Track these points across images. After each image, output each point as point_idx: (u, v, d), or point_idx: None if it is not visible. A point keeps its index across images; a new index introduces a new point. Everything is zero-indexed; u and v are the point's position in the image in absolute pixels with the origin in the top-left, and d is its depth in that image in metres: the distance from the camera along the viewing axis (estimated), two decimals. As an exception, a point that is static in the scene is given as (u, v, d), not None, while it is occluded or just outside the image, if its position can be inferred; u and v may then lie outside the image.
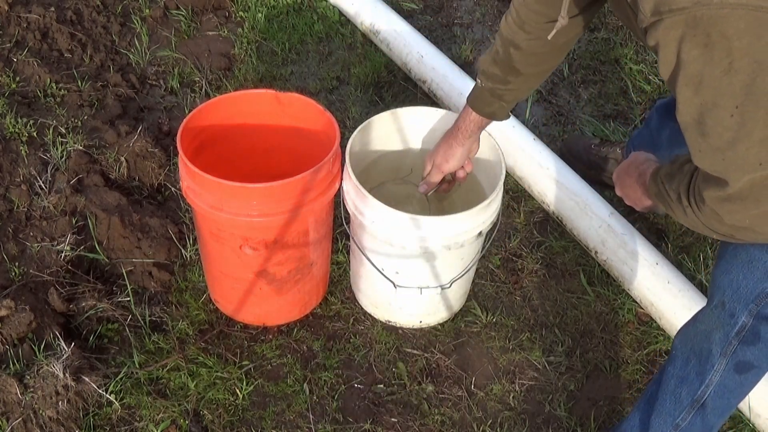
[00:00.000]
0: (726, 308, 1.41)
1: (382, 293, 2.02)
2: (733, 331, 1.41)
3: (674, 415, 1.55)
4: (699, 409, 1.52)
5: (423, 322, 2.09)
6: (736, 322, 1.39)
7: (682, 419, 1.54)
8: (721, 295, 1.41)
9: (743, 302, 1.38)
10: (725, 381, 1.46)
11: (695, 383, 1.50)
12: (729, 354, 1.43)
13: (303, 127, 2.01)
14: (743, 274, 1.37)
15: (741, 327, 1.40)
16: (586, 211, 2.27)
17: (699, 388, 1.49)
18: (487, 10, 3.21)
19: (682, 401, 1.53)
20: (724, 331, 1.42)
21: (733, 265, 1.39)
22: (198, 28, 3.08)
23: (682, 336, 1.54)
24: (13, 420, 1.74)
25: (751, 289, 1.36)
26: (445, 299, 2.03)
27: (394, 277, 1.93)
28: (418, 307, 2.04)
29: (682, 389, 1.52)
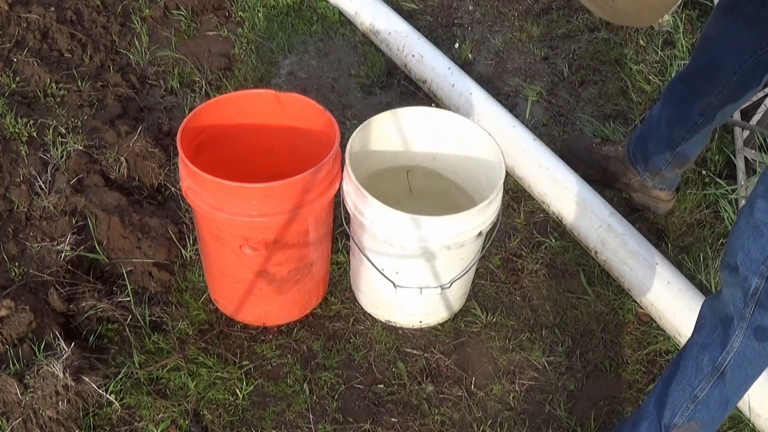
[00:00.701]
0: (740, 272, 1.46)
1: (382, 293, 2.02)
2: (749, 294, 1.46)
3: (693, 384, 1.57)
4: (719, 378, 1.54)
5: (423, 322, 2.09)
6: (750, 285, 1.45)
7: (701, 389, 1.56)
8: (734, 258, 1.47)
9: (754, 264, 1.44)
10: (745, 348, 1.50)
11: (717, 349, 1.53)
12: (748, 318, 1.47)
13: (303, 127, 2.01)
14: (753, 238, 1.44)
15: (755, 289, 1.45)
16: (586, 211, 2.27)
17: (720, 353, 1.52)
18: (486, 10, 3.21)
19: (703, 368, 1.55)
20: (741, 293, 1.47)
21: (744, 231, 1.46)
22: (198, 28, 3.08)
23: (709, 304, 1.59)
24: (13, 420, 1.74)
25: (759, 251, 1.43)
26: (445, 299, 2.03)
27: (394, 277, 1.93)
28: (418, 307, 2.04)
29: (704, 356, 1.55)
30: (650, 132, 2.27)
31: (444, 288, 1.95)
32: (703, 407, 1.57)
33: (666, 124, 2.19)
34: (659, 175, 2.30)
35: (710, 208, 2.42)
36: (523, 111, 2.73)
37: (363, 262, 1.97)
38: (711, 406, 1.57)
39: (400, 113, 2.04)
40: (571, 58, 2.97)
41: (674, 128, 2.19)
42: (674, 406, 1.60)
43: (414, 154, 2.13)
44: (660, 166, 2.27)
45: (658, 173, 2.30)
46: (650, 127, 2.27)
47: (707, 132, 2.18)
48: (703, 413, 1.58)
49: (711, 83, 2.05)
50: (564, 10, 3.20)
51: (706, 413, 1.58)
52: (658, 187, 2.34)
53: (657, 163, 2.27)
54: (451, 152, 2.10)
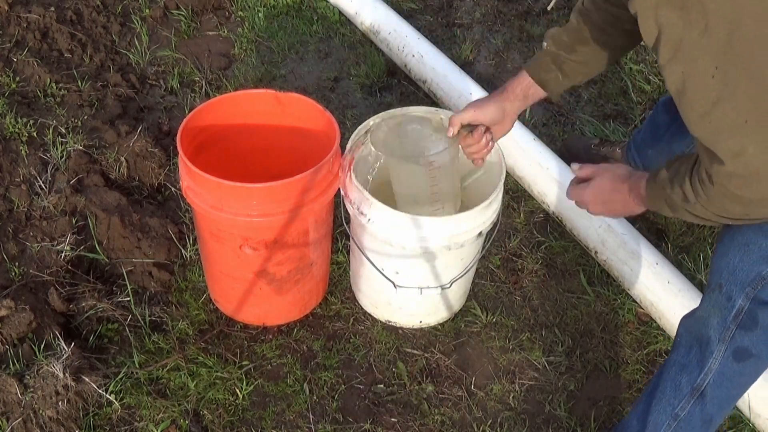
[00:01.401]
0: (723, 291, 1.41)
1: (382, 293, 2.02)
2: (731, 315, 1.41)
3: (673, 404, 1.55)
4: (698, 398, 1.52)
5: (423, 322, 2.09)
6: (734, 306, 1.40)
7: (681, 408, 1.54)
8: (719, 278, 1.42)
9: (740, 285, 1.38)
10: (724, 369, 1.47)
11: (695, 371, 1.50)
12: (727, 340, 1.43)
13: (303, 127, 2.01)
14: (739, 257, 1.38)
15: (738, 311, 1.40)
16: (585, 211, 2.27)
17: (698, 375, 1.49)
18: (487, 10, 3.21)
19: (682, 389, 1.53)
20: (722, 315, 1.42)
21: (730, 249, 1.39)
22: (198, 28, 3.08)
23: (686, 323, 1.55)
24: (13, 420, 1.74)
25: (747, 271, 1.37)
26: (445, 299, 2.03)
27: (394, 277, 1.93)
28: (418, 307, 2.04)
29: (682, 377, 1.53)
30: (651, 140, 2.26)
31: (444, 288, 1.95)
32: (685, 425, 1.55)
33: (668, 135, 2.19)
34: None
35: (710, 208, 2.41)
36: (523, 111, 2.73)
37: (363, 262, 1.97)
38: (693, 424, 1.55)
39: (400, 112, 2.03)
40: (571, 58, 2.97)
41: (675, 141, 2.19)
42: (656, 424, 1.59)
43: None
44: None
45: None
46: (652, 135, 2.26)
47: None
48: (686, 430, 1.56)
49: None
50: (564, 10, 3.20)
51: (689, 430, 1.56)
52: None
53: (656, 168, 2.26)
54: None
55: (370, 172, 2.06)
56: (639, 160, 2.32)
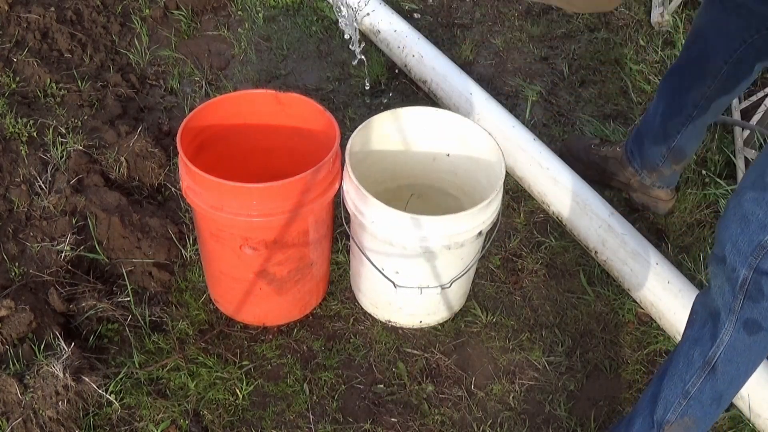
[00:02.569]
0: (728, 263, 1.45)
1: (382, 293, 2.02)
2: (737, 286, 1.44)
3: (684, 380, 1.56)
4: (710, 372, 1.53)
5: (423, 322, 2.09)
6: (738, 276, 1.43)
7: (692, 384, 1.55)
8: (722, 249, 1.46)
9: (742, 255, 1.42)
10: (735, 342, 1.49)
11: (707, 344, 1.52)
12: (737, 311, 1.46)
13: (303, 127, 2.01)
14: (740, 228, 1.42)
15: (743, 281, 1.43)
16: (586, 211, 2.27)
17: (710, 348, 1.51)
18: (486, 10, 3.21)
19: (694, 362, 1.54)
20: (729, 285, 1.46)
21: (731, 221, 1.44)
22: (198, 28, 3.08)
23: (701, 298, 1.58)
24: (13, 420, 1.74)
25: (748, 241, 1.41)
26: (445, 299, 2.03)
27: (394, 276, 1.93)
28: (418, 307, 2.04)
29: (695, 350, 1.54)
30: (646, 128, 2.27)
31: (444, 288, 1.95)
32: (695, 402, 1.57)
33: (661, 117, 2.20)
34: (657, 171, 2.30)
35: (710, 208, 2.42)
36: (523, 111, 2.73)
37: (363, 262, 1.97)
38: (703, 402, 1.56)
39: (401, 113, 2.04)
40: (571, 58, 2.97)
41: (669, 121, 2.19)
42: (666, 402, 1.60)
43: (414, 154, 2.13)
44: (657, 162, 2.27)
45: (656, 170, 2.30)
46: (646, 123, 2.27)
47: (702, 126, 2.18)
48: (695, 408, 1.57)
49: (702, 74, 2.04)
50: (564, 10, 3.20)
51: (698, 409, 1.57)
52: (656, 186, 2.34)
53: (653, 159, 2.27)
54: (451, 152, 2.10)
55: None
56: (638, 153, 2.33)
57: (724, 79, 2.01)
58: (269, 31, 3.07)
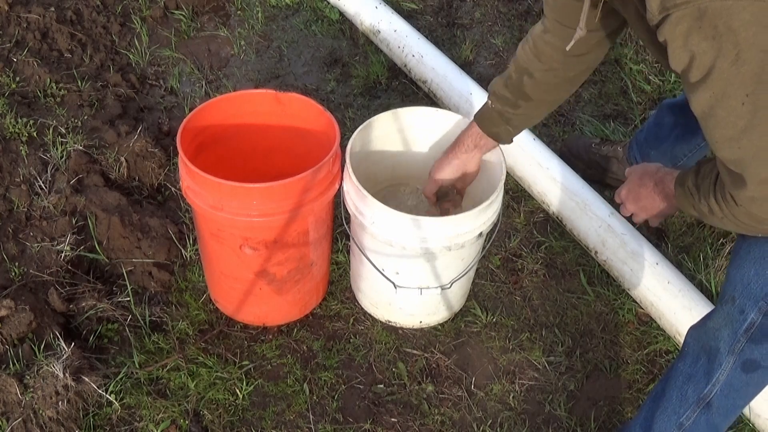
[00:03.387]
0: (736, 304, 1.41)
1: (382, 293, 2.02)
2: (742, 328, 1.41)
3: (679, 413, 1.55)
4: (704, 408, 1.51)
5: (423, 322, 2.09)
6: (745, 319, 1.40)
7: (687, 418, 1.54)
8: (732, 290, 1.41)
9: (753, 299, 1.38)
10: (732, 380, 1.46)
11: (702, 381, 1.50)
12: (737, 352, 1.43)
13: (303, 127, 2.01)
14: (755, 270, 1.37)
15: (750, 324, 1.40)
16: (586, 211, 2.27)
17: (706, 386, 1.49)
18: (486, 10, 3.21)
19: (688, 399, 1.53)
20: (733, 327, 1.42)
21: (746, 261, 1.39)
22: (198, 28, 3.08)
23: (694, 333, 1.54)
24: (13, 420, 1.74)
25: (762, 285, 1.37)
26: (445, 299, 2.03)
27: (395, 277, 1.93)
28: (419, 307, 2.04)
29: (688, 387, 1.52)
30: (655, 141, 2.27)
31: (444, 288, 1.95)
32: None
33: (671, 138, 2.20)
34: None
35: (710, 208, 2.42)
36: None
37: (363, 262, 1.97)
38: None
39: (401, 113, 2.03)
40: (571, 58, 2.97)
41: (678, 144, 2.21)
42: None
43: (414, 154, 2.13)
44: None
45: None
46: (655, 136, 2.26)
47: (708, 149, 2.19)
48: None
49: None
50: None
51: None
52: None
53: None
54: None
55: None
56: (641, 161, 2.32)
57: None
58: (269, 30, 3.07)
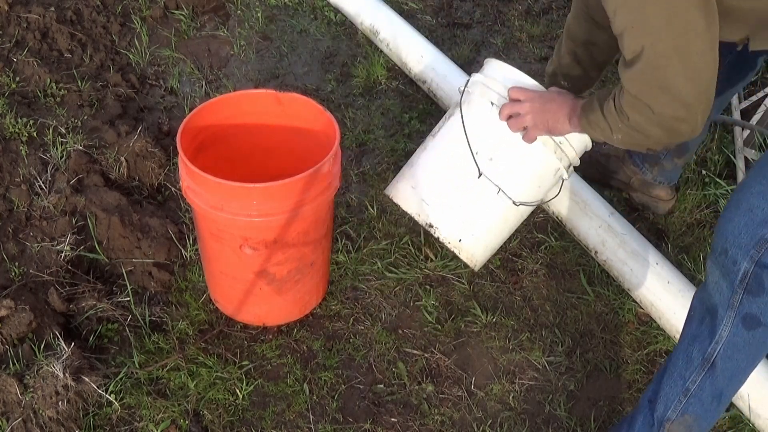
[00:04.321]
0: (729, 255, 1.45)
1: (450, 184, 1.91)
2: (737, 279, 1.44)
3: (684, 377, 1.56)
4: (709, 369, 1.53)
5: (462, 241, 1.94)
6: (739, 269, 1.43)
7: (692, 382, 1.55)
8: (723, 242, 1.46)
9: (744, 248, 1.42)
10: (734, 338, 1.49)
11: (706, 340, 1.52)
12: (735, 306, 1.46)
13: (303, 127, 2.01)
14: (744, 221, 1.42)
15: (744, 274, 1.43)
16: (586, 211, 2.27)
17: (709, 344, 1.51)
18: (486, 10, 3.21)
19: (693, 361, 1.54)
20: (729, 279, 1.46)
21: (735, 214, 1.44)
22: (198, 28, 3.08)
23: (698, 294, 1.58)
24: (13, 420, 1.74)
25: (751, 234, 1.41)
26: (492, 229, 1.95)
27: (487, 164, 1.87)
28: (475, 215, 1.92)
29: (693, 347, 1.55)
30: None
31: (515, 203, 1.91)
32: (695, 400, 1.57)
33: None
34: (658, 165, 2.30)
35: (710, 208, 2.42)
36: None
37: (446, 141, 1.93)
38: (704, 399, 1.56)
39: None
40: (571, 58, 2.97)
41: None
42: (667, 400, 1.60)
43: None
44: (659, 155, 2.27)
45: (658, 163, 2.30)
46: None
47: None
48: (696, 406, 1.57)
49: None
50: (564, 10, 3.20)
51: (699, 406, 1.57)
52: (657, 181, 2.34)
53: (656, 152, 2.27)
54: None
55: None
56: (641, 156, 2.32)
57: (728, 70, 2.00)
58: (269, 30, 3.07)
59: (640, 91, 1.48)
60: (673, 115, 1.47)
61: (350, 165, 2.54)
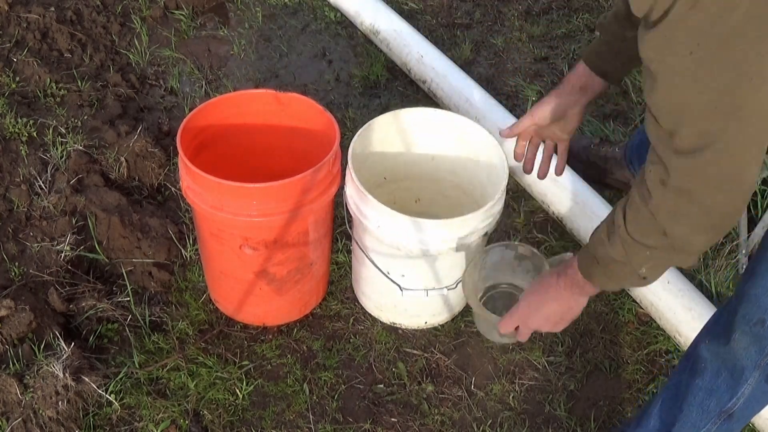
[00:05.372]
0: (765, 325, 1.40)
1: (387, 296, 2.01)
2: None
3: (698, 426, 1.56)
4: (726, 419, 1.53)
5: (428, 323, 2.09)
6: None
7: (707, 430, 1.55)
8: (762, 313, 1.40)
9: None
10: (755, 392, 1.48)
11: (725, 396, 1.50)
12: (762, 366, 1.44)
13: (303, 127, 2.01)
14: None
15: None
16: (586, 211, 2.27)
17: (729, 400, 1.50)
18: (486, 10, 3.21)
19: (710, 413, 1.53)
20: (760, 345, 1.43)
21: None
22: (198, 28, 3.08)
23: (712, 348, 1.52)
24: (13, 420, 1.74)
25: None
26: (450, 300, 2.03)
27: (401, 280, 1.92)
28: (424, 308, 2.04)
29: (710, 401, 1.52)
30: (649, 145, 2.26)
31: (450, 289, 1.95)
32: None
33: None
34: None
35: (710, 208, 2.41)
36: (523, 111, 2.73)
37: (366, 265, 1.96)
38: None
39: (402, 114, 2.03)
40: (571, 58, 2.97)
41: None
42: None
43: (415, 156, 2.13)
44: None
45: None
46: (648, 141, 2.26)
47: None
48: None
49: None
50: (564, 10, 3.20)
51: None
52: None
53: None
54: (451, 152, 2.10)
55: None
56: (638, 164, 2.32)
57: None
58: (269, 30, 3.07)
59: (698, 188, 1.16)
60: (730, 211, 1.19)
61: (350, 165, 2.54)
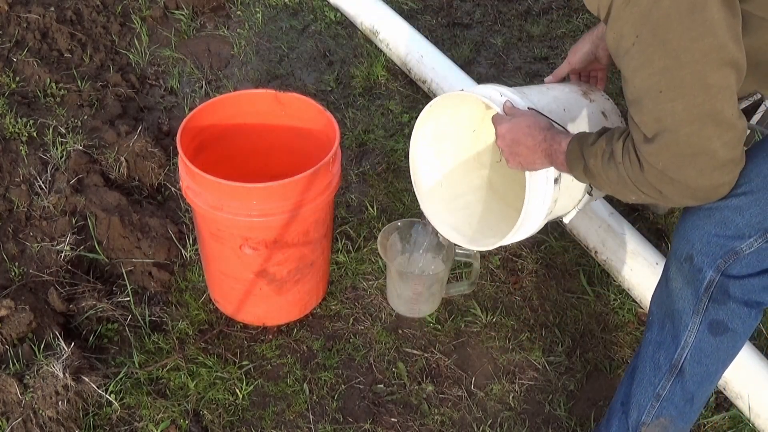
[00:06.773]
0: (694, 263, 1.43)
1: None
2: (702, 288, 1.43)
3: (654, 384, 1.56)
4: (678, 375, 1.53)
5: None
6: (704, 278, 1.42)
7: (662, 387, 1.55)
8: (690, 248, 1.43)
9: (711, 257, 1.40)
10: (701, 343, 1.48)
11: (671, 347, 1.51)
12: (701, 312, 1.45)
13: (303, 127, 2.01)
14: (715, 231, 1.40)
15: (709, 283, 1.42)
16: (586, 211, 2.27)
17: (675, 351, 1.51)
18: (486, 10, 3.22)
19: (661, 367, 1.54)
20: (693, 287, 1.44)
21: (706, 223, 1.41)
22: (198, 28, 3.08)
23: (656, 300, 1.56)
24: (13, 420, 1.74)
25: (721, 245, 1.39)
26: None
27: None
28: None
29: (659, 354, 1.54)
30: None
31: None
32: (668, 404, 1.57)
33: None
34: None
35: (710, 208, 2.42)
36: (523, 111, 2.73)
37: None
38: (676, 402, 1.56)
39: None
40: (571, 58, 2.97)
41: None
42: (639, 405, 1.60)
43: None
44: None
45: None
46: None
47: None
48: (669, 409, 1.57)
49: None
50: (564, 10, 3.20)
51: (672, 409, 1.57)
52: None
53: None
54: None
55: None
56: None
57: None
58: (269, 31, 3.07)
59: (667, 167, 1.32)
60: (711, 184, 1.34)
61: (350, 165, 2.54)
